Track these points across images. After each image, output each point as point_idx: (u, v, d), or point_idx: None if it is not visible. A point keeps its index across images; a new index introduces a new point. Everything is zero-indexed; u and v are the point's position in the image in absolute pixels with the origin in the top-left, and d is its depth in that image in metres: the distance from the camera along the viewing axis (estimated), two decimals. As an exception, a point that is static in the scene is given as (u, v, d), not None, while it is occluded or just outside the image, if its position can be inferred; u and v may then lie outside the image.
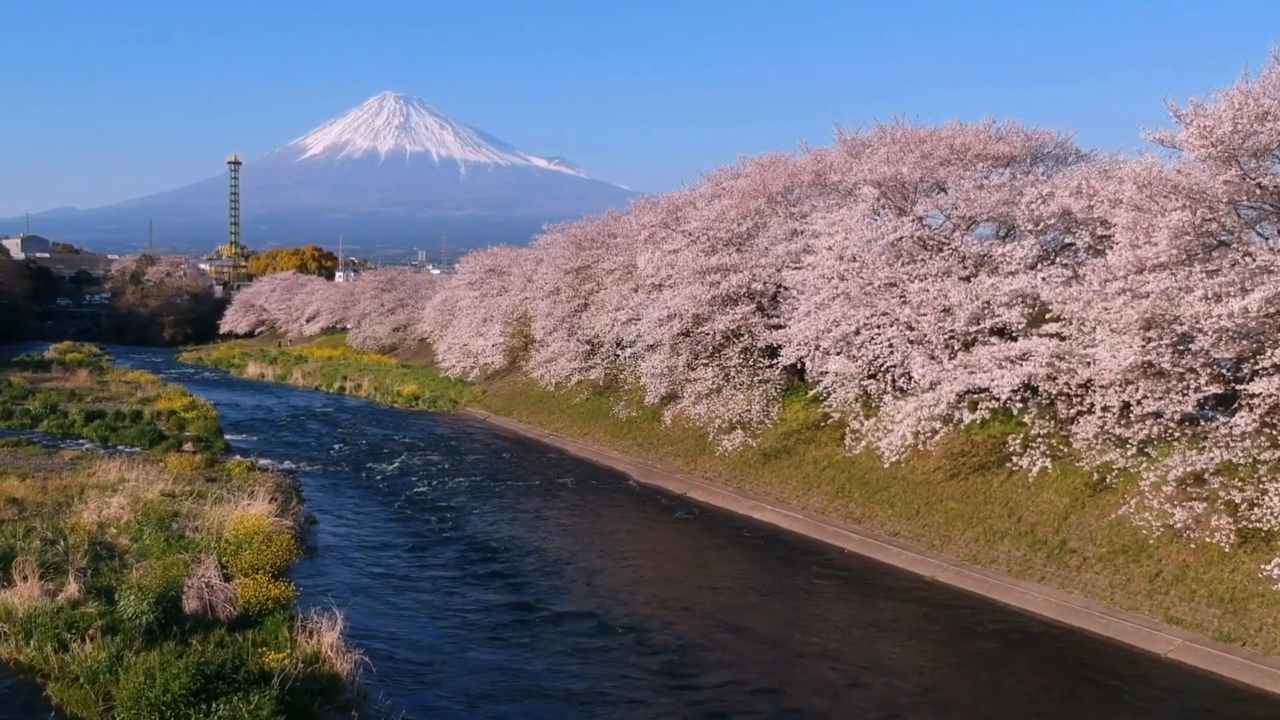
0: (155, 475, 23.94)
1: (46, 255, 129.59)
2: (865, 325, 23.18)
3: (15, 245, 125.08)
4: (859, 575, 20.42)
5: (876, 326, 23.03)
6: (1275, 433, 15.94)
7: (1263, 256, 15.85)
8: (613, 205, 44.29)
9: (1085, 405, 18.92)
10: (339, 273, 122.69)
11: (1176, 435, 17.53)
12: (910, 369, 21.57)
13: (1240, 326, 15.67)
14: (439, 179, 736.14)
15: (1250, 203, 16.75)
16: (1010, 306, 20.79)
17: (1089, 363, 18.41)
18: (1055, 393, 19.78)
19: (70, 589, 15.09)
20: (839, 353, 23.82)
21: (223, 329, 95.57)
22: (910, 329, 22.23)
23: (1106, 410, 18.16)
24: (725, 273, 28.62)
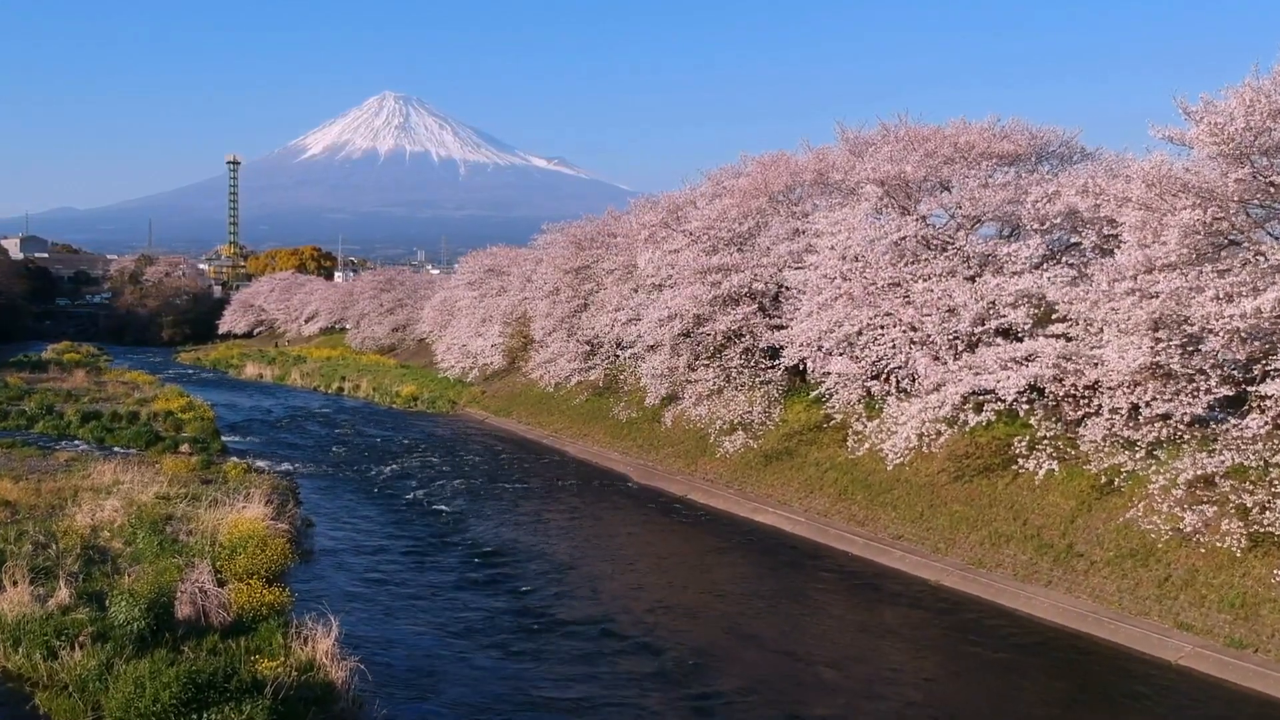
0: (150, 477, 23.68)
1: (45, 255, 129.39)
2: (869, 326, 22.92)
3: (14, 245, 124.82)
4: (864, 579, 20.15)
5: (880, 327, 22.75)
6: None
7: (1275, 256, 15.60)
8: (612, 205, 43.98)
9: (1093, 407, 18.66)
10: (338, 273, 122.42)
11: (1186, 437, 17.27)
12: (915, 370, 21.30)
13: (1253, 327, 15.42)
14: (438, 179, 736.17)
15: (1261, 201, 16.49)
16: (1016, 307, 20.54)
17: (1096, 364, 18.16)
18: (1062, 394, 19.52)
19: (61, 594, 14.83)
20: (841, 353, 23.56)
21: (221, 329, 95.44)
22: (914, 330, 21.96)
23: (1115, 412, 17.90)
24: (726, 272, 28.38)
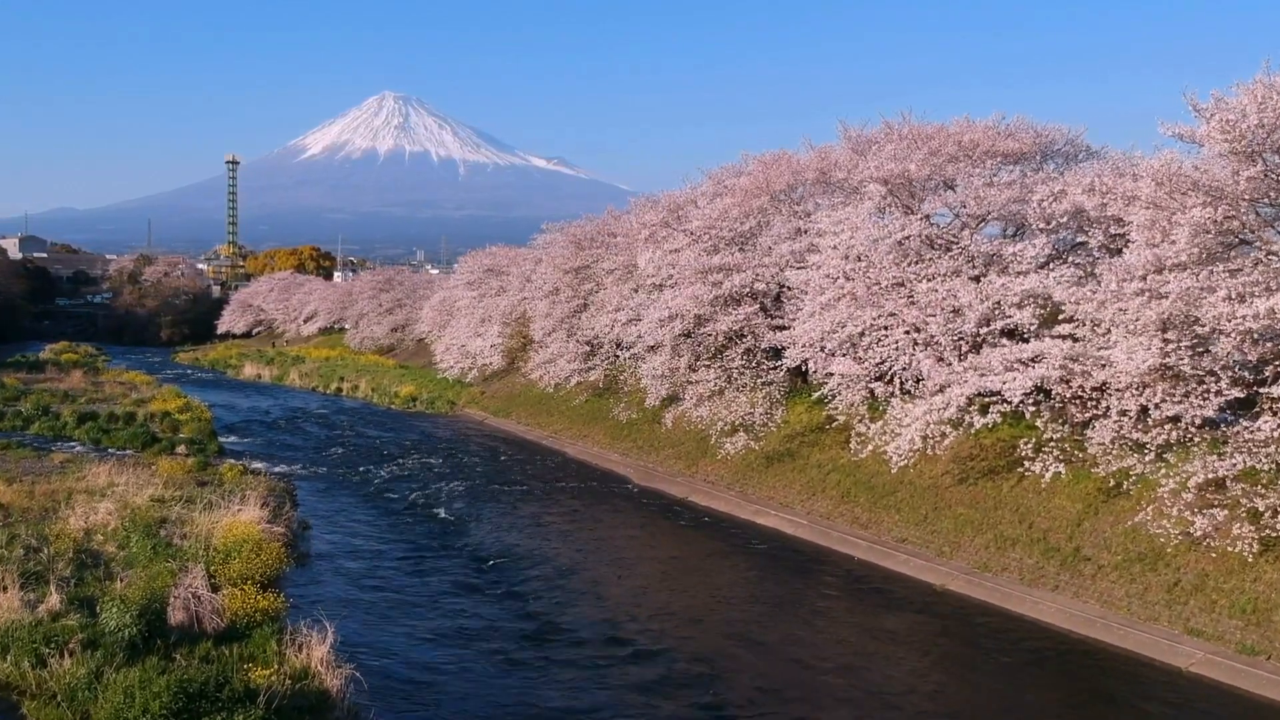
0: (145, 479, 23.43)
1: (44, 255, 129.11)
2: (872, 327, 22.64)
3: (13, 245, 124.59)
4: (868, 584, 19.87)
5: (884, 328, 22.48)
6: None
7: (1287, 255, 15.35)
8: (612, 205, 43.71)
9: (1100, 409, 18.39)
10: (337, 273, 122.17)
11: (1196, 440, 17.01)
12: (919, 371, 21.03)
13: (1265, 328, 15.16)
14: (438, 179, 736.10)
15: (1272, 200, 16.22)
16: (1021, 307, 20.30)
17: (1104, 365, 17.89)
18: (1069, 396, 19.25)
19: (52, 600, 14.58)
20: (845, 354, 23.28)
21: (220, 329, 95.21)
22: (918, 330, 21.69)
23: (1123, 414, 17.63)
24: (728, 272, 28.12)
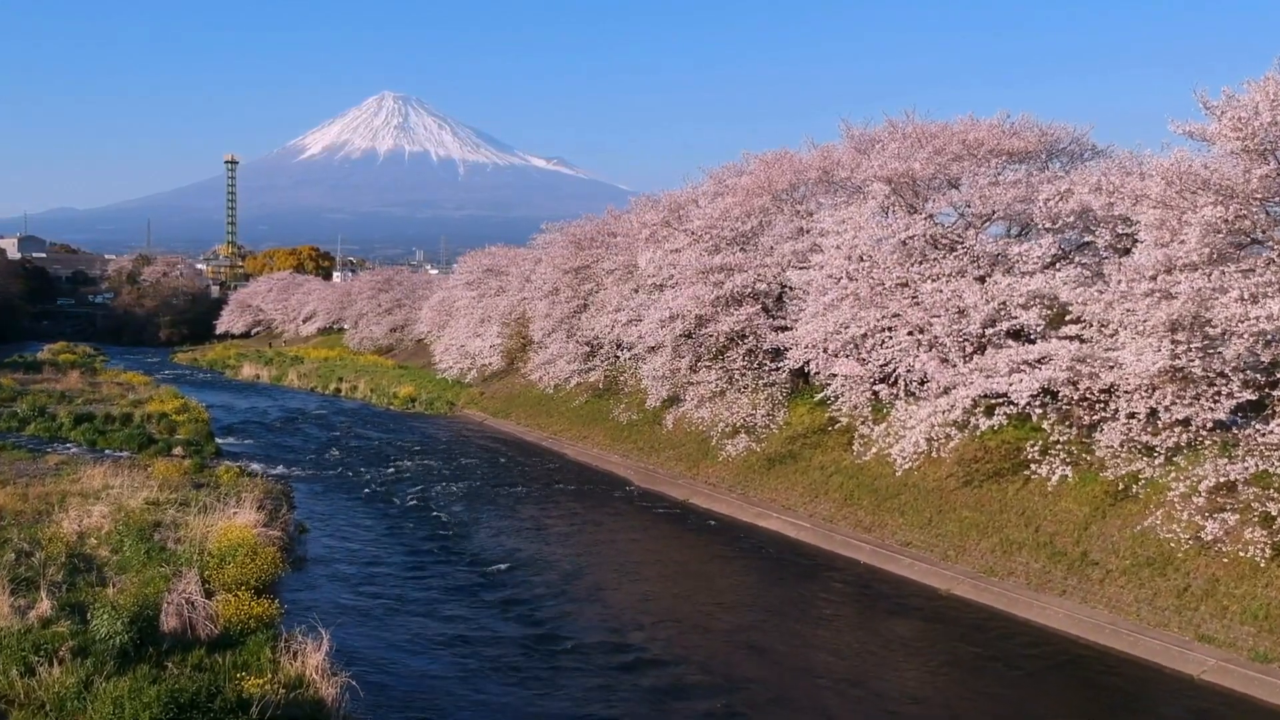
0: (141, 482, 23.16)
1: (43, 255, 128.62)
2: (876, 327, 22.37)
3: (12, 245, 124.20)
4: (873, 588, 19.60)
5: (888, 329, 22.22)
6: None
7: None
8: (612, 204, 43.47)
9: (1109, 411, 18.12)
10: (336, 273, 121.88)
11: (1206, 443, 16.73)
12: (925, 373, 20.76)
13: (1278, 330, 14.88)
14: (437, 179, 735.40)
15: (1284, 200, 15.96)
16: (1027, 308, 20.04)
17: (1112, 366, 17.62)
18: (1076, 398, 18.98)
19: (42, 606, 14.32)
20: (848, 355, 23.02)
21: (219, 329, 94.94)
22: (922, 331, 21.43)
23: (1132, 417, 17.36)
24: (729, 272, 27.87)
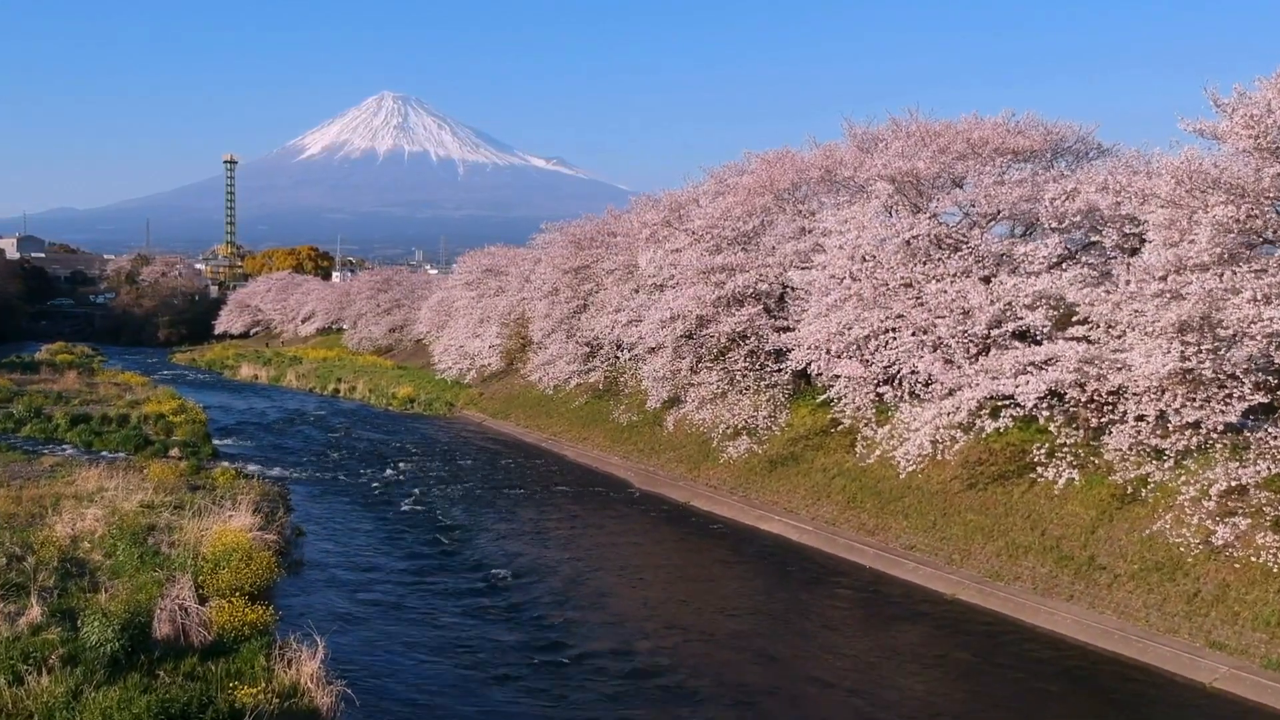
0: (136, 484, 22.88)
1: (42, 255, 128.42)
2: (879, 329, 22.09)
3: (10, 245, 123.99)
4: (877, 593, 19.34)
5: (891, 330, 21.94)
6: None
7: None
8: (612, 204, 43.21)
9: (1117, 413, 17.85)
10: (335, 273, 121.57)
11: (1217, 446, 16.47)
12: (929, 374, 20.49)
13: (1292, 331, 14.63)
14: (437, 179, 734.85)
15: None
16: (1033, 308, 19.75)
17: (1120, 368, 17.35)
18: (1083, 400, 18.71)
19: (33, 612, 14.06)
20: (851, 357, 22.75)
21: (218, 329, 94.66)
22: (926, 332, 21.16)
23: (1141, 419, 17.09)
24: (730, 272, 27.61)
